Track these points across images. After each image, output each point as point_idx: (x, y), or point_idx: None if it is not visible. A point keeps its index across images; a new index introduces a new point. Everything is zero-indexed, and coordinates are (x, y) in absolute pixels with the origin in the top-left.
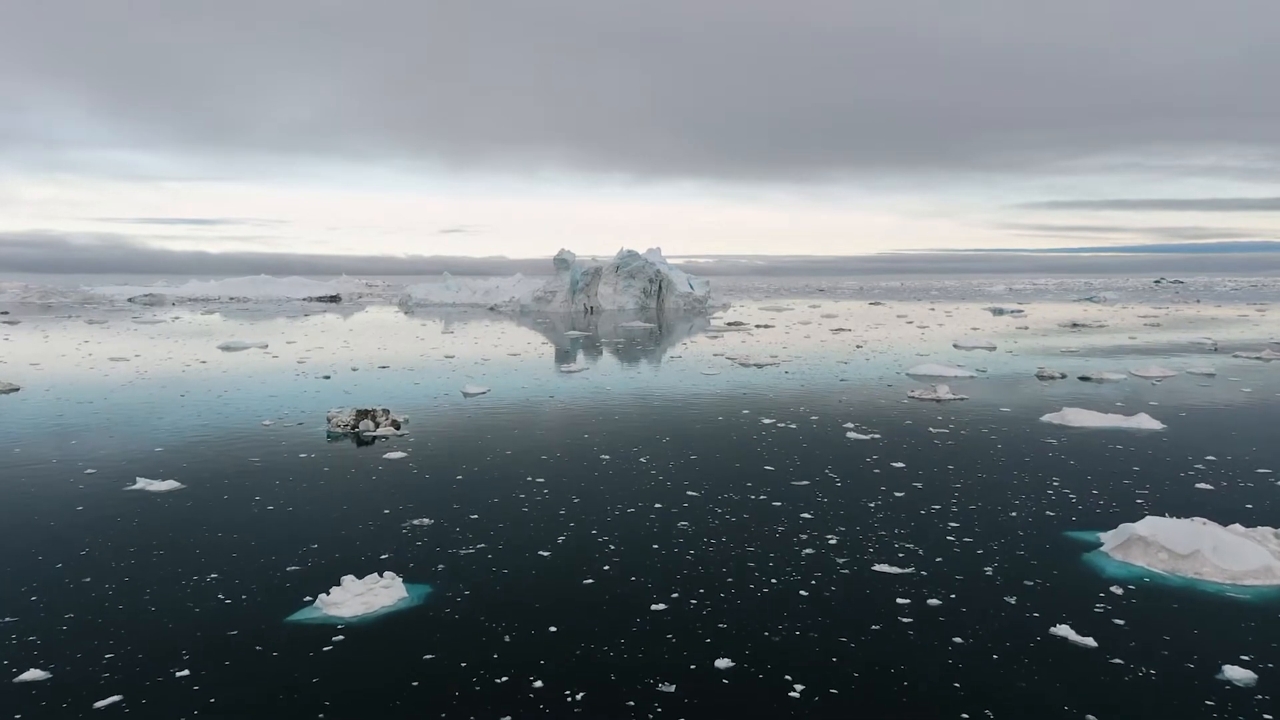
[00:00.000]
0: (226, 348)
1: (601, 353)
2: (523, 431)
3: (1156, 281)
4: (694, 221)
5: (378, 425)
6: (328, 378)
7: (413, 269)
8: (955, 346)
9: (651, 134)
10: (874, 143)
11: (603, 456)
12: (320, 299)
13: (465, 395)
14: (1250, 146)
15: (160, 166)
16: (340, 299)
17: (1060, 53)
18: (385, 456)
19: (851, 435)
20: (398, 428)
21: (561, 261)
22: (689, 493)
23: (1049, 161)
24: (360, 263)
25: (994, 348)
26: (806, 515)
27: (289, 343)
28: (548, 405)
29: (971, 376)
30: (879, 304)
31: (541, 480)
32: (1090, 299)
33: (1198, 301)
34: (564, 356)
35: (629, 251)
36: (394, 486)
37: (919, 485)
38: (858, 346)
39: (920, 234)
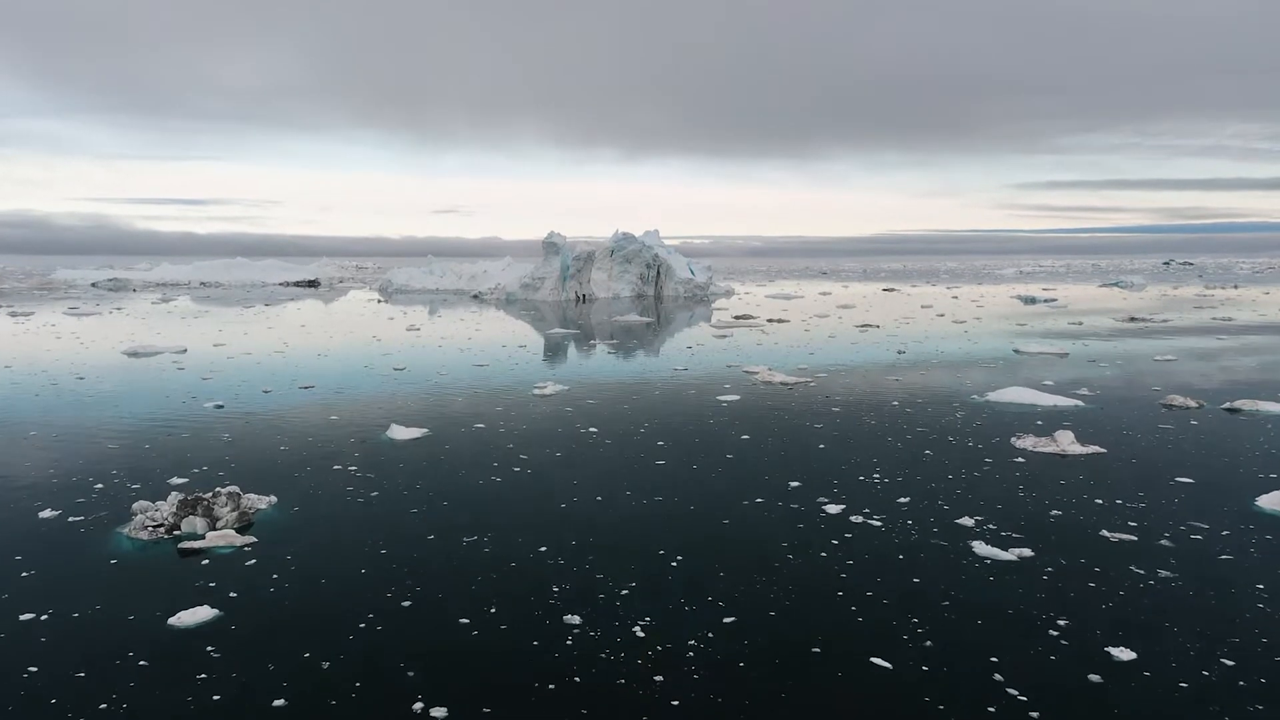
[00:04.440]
0: (132, 353)
1: (587, 361)
2: (443, 538)
3: (1166, 263)
4: (686, 201)
5: (214, 523)
6: (220, 407)
7: (406, 250)
8: (1016, 352)
9: (636, 107)
10: (871, 115)
11: (569, 619)
12: (298, 284)
13: (391, 443)
14: (1251, 125)
15: (109, 140)
16: (319, 284)
17: (1069, 8)
18: (174, 623)
19: (984, 550)
20: (246, 527)
21: (551, 245)
22: None
23: (1050, 137)
24: (353, 244)
25: (1065, 354)
26: None
27: (216, 345)
28: (497, 469)
29: (1076, 406)
30: (893, 289)
31: (444, 716)
32: (1116, 284)
33: (1235, 287)
34: (541, 367)
35: (624, 234)
36: None
37: None
38: (900, 352)
39: (921, 214)
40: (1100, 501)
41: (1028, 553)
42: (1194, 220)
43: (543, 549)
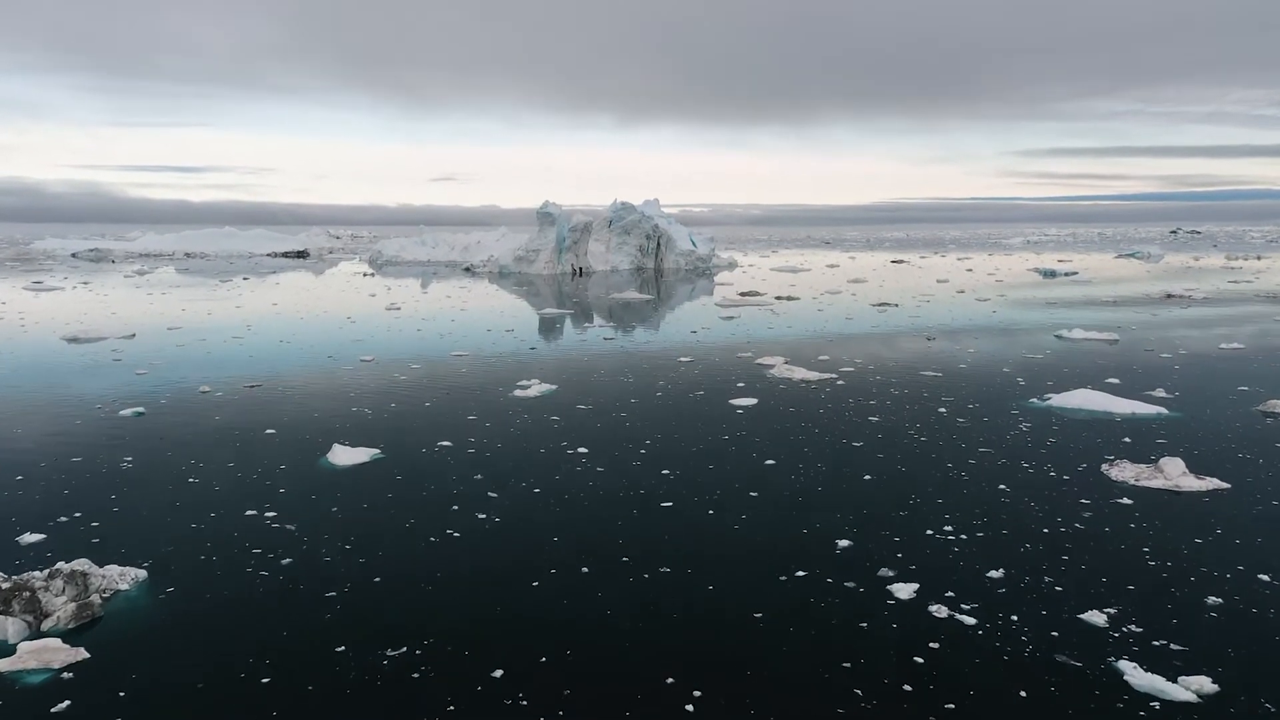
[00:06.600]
0: (72, 339)
1: (580, 349)
2: (359, 648)
3: (1173, 232)
4: (684, 167)
5: (40, 621)
6: (141, 414)
7: (403, 219)
8: (1059, 338)
9: (631, 70)
10: (871, 80)
11: None
12: (286, 255)
13: (330, 471)
14: (1254, 90)
15: (80, 103)
16: (308, 254)
17: None
18: None
19: (1141, 681)
20: (87, 625)
21: (545, 215)
22: None
23: (1053, 103)
24: (349, 212)
25: (1115, 340)
26: None
27: (171, 329)
28: (455, 516)
29: (1160, 414)
30: (902, 261)
31: None
32: (1133, 254)
33: (1259, 257)
34: (527, 358)
35: (623, 204)
36: None
37: None
38: (929, 339)
39: (923, 181)
40: (1266, 579)
41: (1209, 686)
42: (1199, 188)
43: (497, 674)
